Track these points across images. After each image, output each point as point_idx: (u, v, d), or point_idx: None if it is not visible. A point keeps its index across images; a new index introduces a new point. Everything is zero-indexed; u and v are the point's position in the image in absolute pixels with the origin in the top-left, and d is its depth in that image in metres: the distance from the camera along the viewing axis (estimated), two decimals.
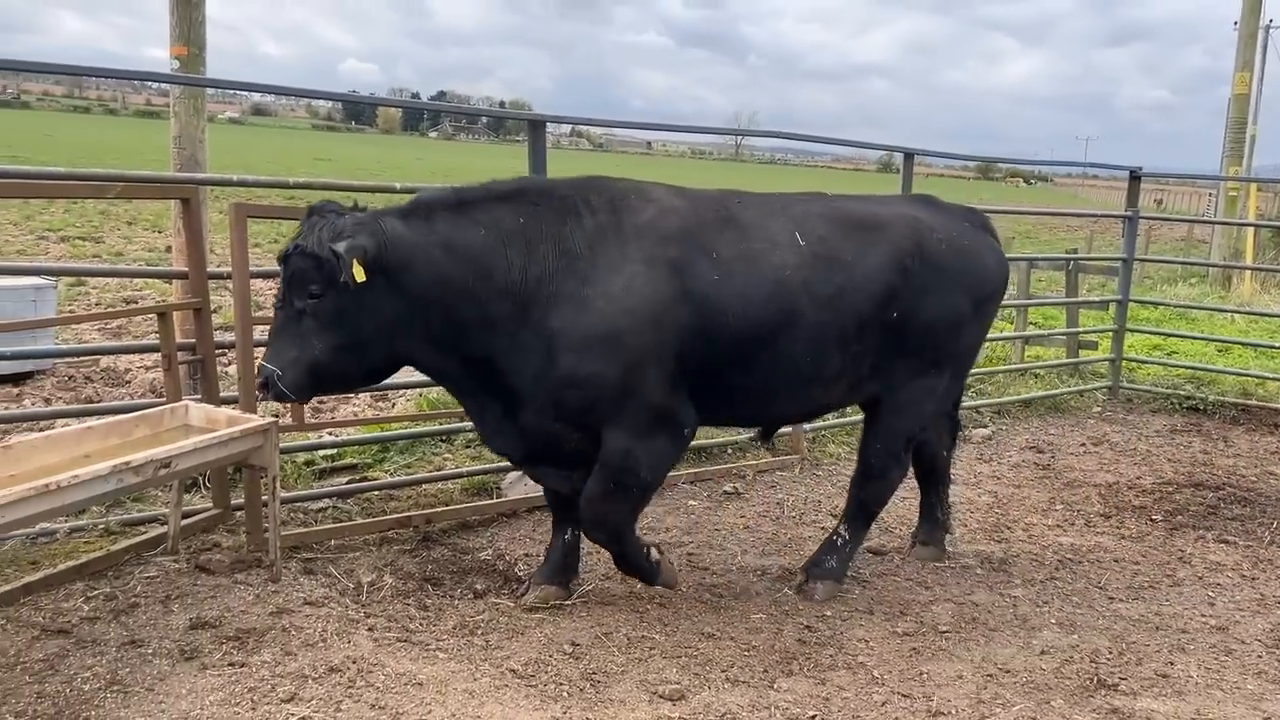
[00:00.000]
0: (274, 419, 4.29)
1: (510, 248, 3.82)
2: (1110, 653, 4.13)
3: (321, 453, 5.71)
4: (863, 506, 4.70)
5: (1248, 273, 16.76)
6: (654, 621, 4.19)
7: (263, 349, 3.89)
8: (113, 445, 4.00)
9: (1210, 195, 25.02)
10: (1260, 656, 4.19)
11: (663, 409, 3.96)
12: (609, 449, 3.95)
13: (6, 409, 6.61)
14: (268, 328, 4.00)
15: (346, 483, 5.45)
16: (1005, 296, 5.09)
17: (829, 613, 4.39)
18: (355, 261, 3.57)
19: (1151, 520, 5.90)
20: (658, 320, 3.83)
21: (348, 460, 5.76)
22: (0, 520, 3.23)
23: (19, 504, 3.27)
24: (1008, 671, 3.91)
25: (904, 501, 5.95)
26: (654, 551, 4.39)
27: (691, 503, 5.77)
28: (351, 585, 4.32)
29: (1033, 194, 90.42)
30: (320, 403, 7.16)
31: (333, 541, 4.79)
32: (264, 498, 4.38)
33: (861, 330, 4.22)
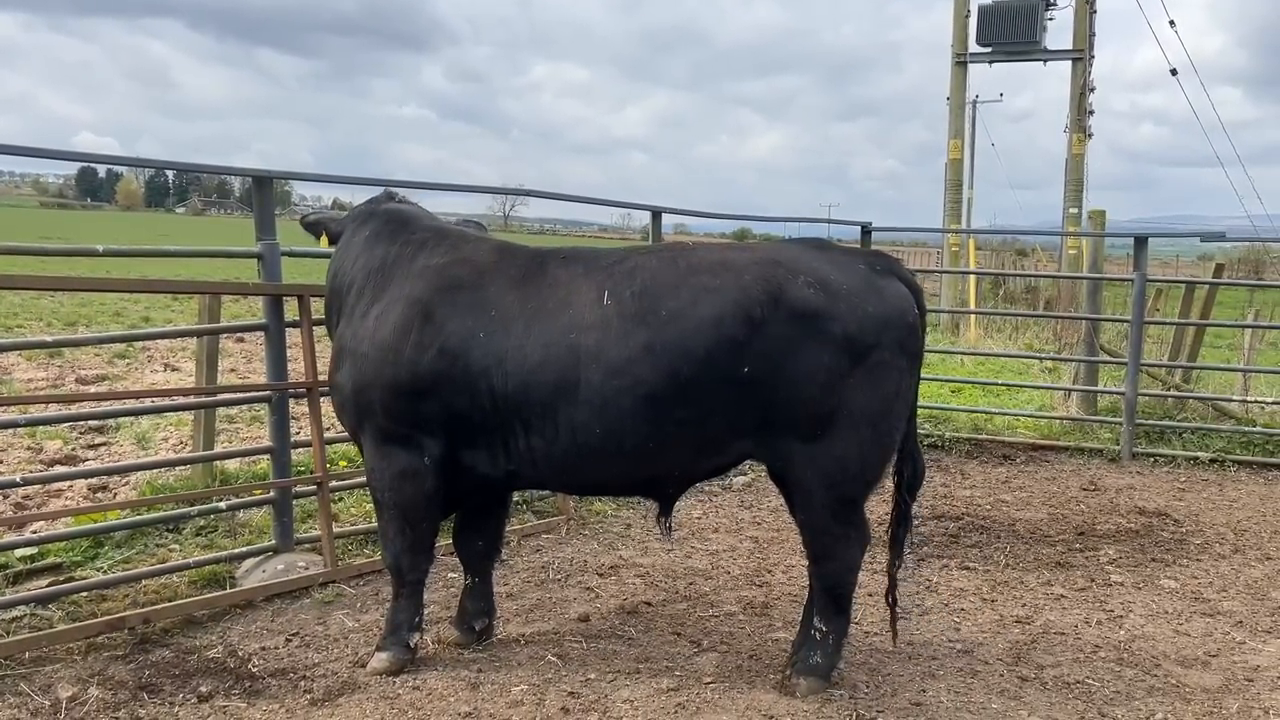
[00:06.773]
0: None
1: (355, 259, 4.32)
2: (868, 686, 4.19)
3: (19, 552, 5.00)
4: (827, 593, 4.09)
5: (973, 318, 18.31)
6: (406, 707, 3.87)
7: None
8: None
9: (937, 253, 27.46)
10: (1002, 675, 4.36)
11: (395, 433, 4.04)
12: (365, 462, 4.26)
13: None
14: None
15: (48, 585, 4.78)
16: None
17: (593, 675, 4.22)
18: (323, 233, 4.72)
19: None
20: (393, 355, 3.96)
21: (51, 559, 5.06)
22: None
23: None
24: (770, 717, 3.87)
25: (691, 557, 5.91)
26: (418, 636, 4.23)
27: (451, 575, 5.46)
28: (47, 703, 3.77)
29: None
30: (25, 496, 6.35)
31: (28, 654, 4.16)
32: None
33: (689, 392, 3.74)
